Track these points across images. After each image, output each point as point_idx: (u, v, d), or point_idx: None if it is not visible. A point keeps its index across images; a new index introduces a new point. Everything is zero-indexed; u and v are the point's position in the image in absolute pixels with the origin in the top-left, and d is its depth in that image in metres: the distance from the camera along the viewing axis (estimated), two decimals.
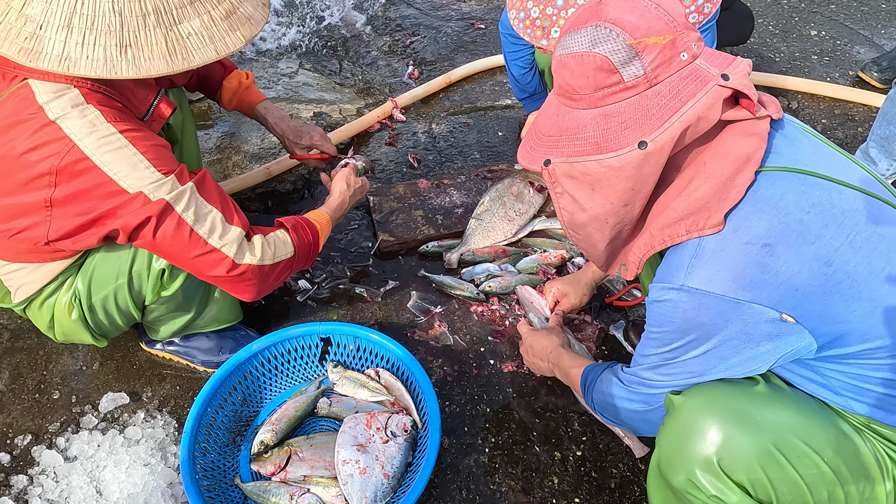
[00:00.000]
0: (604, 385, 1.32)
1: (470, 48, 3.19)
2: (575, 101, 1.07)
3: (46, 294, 1.49)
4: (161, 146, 1.34)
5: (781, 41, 3.21)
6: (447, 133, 2.65)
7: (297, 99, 2.80)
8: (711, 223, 1.01)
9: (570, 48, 1.05)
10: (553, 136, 1.10)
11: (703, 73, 1.01)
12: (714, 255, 1.01)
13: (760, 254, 0.99)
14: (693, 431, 1.07)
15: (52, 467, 1.58)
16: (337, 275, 2.06)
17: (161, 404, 1.73)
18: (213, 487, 1.48)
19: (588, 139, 1.05)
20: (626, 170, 1.02)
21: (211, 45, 1.27)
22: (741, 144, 1.02)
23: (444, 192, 2.26)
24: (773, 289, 0.99)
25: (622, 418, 1.30)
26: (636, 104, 1.01)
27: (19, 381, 1.78)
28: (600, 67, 1.01)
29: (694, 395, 1.10)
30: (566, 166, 1.07)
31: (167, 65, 1.22)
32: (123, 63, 1.20)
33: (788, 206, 1.00)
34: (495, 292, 1.99)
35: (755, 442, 1.03)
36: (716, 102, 0.99)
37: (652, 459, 1.20)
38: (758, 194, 1.01)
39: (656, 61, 1.00)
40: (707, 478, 1.06)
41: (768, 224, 1.00)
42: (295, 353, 1.72)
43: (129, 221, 1.29)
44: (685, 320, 1.05)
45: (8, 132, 1.26)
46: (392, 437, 1.54)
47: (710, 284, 1.01)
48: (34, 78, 1.25)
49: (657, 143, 1.00)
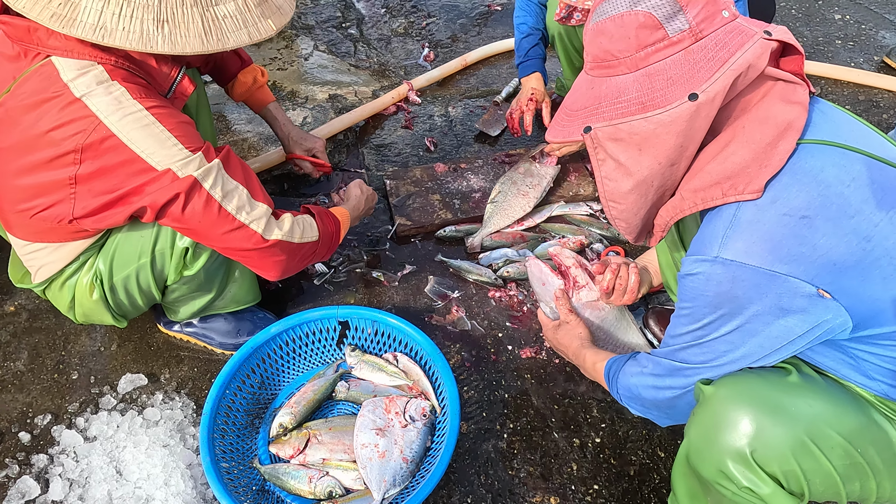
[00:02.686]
0: (630, 374, 1.28)
1: (486, 31, 3.15)
2: (612, 69, 1.05)
3: (67, 274, 1.49)
4: (187, 123, 1.32)
5: (805, 25, 3.14)
6: (463, 116, 2.62)
7: (312, 80, 2.77)
8: (751, 188, 0.98)
9: (607, 13, 1.03)
10: (590, 106, 1.07)
11: (746, 29, 1.00)
12: (750, 226, 0.98)
13: (798, 226, 0.96)
14: (724, 422, 1.05)
15: (73, 447, 1.58)
16: (354, 259, 2.05)
17: (179, 386, 1.73)
18: (232, 469, 1.48)
19: (632, 100, 1.02)
20: (676, 124, 0.99)
21: (244, 30, 1.26)
22: (782, 111, 1.00)
23: (461, 176, 2.24)
24: (811, 262, 0.96)
25: (648, 407, 1.27)
26: (682, 59, 0.99)
27: (38, 361, 1.79)
28: (644, 25, 0.99)
29: (725, 386, 1.08)
30: (610, 129, 1.04)
31: (202, 44, 1.22)
32: (159, 38, 1.19)
33: (829, 179, 0.97)
34: (513, 278, 1.97)
35: (789, 433, 1.02)
36: (764, 52, 0.97)
37: (680, 450, 1.19)
38: (797, 166, 0.99)
39: (700, 15, 0.99)
40: (739, 469, 1.04)
41: (808, 196, 0.97)
42: (313, 336, 1.72)
43: (157, 199, 1.28)
44: (718, 293, 1.02)
45: (33, 110, 1.25)
46: (411, 422, 1.54)
47: (746, 256, 0.98)
48: (57, 55, 1.24)
49: (709, 93, 0.97)
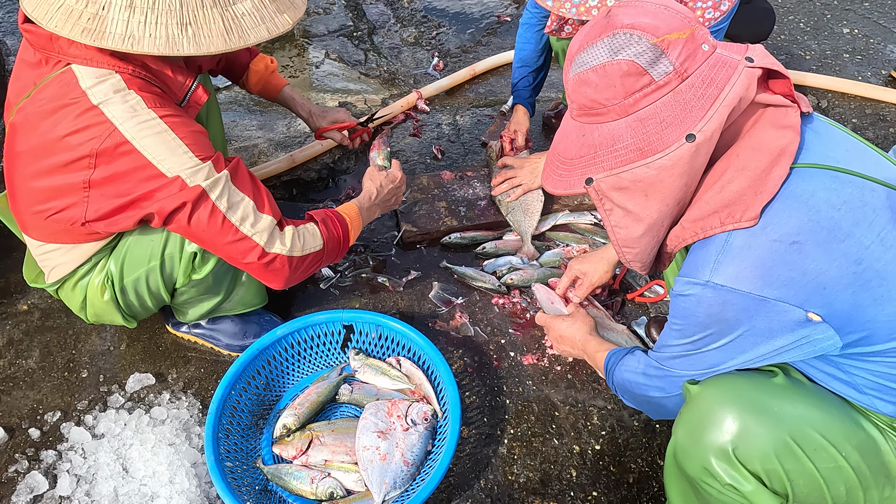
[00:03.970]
0: (624, 370, 1.34)
1: (495, 41, 3.19)
2: (602, 116, 1.05)
3: (80, 275, 1.52)
4: (199, 132, 1.36)
5: (812, 38, 3.16)
6: (471, 125, 2.65)
7: (322, 88, 2.82)
8: (748, 216, 1.00)
9: (587, 64, 1.03)
10: (585, 155, 1.08)
11: (729, 60, 1.01)
12: (741, 252, 1.01)
13: (789, 252, 0.98)
14: (709, 420, 1.08)
15: (81, 444, 1.62)
16: (360, 264, 2.07)
17: (186, 386, 1.76)
18: (235, 469, 1.50)
19: (628, 147, 1.03)
20: (678, 166, 1.00)
21: (263, 26, 1.30)
22: (775, 137, 1.01)
23: (468, 184, 2.27)
24: (801, 287, 0.98)
25: (639, 402, 1.32)
26: (672, 101, 1.00)
27: (49, 359, 1.82)
28: (628, 73, 1.00)
29: (711, 386, 1.11)
30: (612, 179, 1.04)
31: (225, 42, 1.25)
32: (184, 40, 1.22)
33: (819, 204, 0.99)
34: (517, 285, 1.99)
35: (771, 432, 1.04)
36: (751, 82, 0.99)
37: (668, 448, 1.22)
38: (788, 191, 1.00)
39: (682, 55, 0.99)
40: (722, 466, 1.07)
41: (798, 221, 0.99)
42: (318, 339, 1.74)
43: (165, 206, 1.31)
44: (709, 315, 1.05)
45: (51, 116, 1.29)
46: (412, 426, 1.56)
47: (736, 281, 1.00)
48: (77, 63, 1.28)
49: (705, 132, 0.98)
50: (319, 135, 2.11)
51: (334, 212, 1.62)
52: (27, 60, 1.36)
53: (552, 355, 1.83)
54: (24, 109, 1.33)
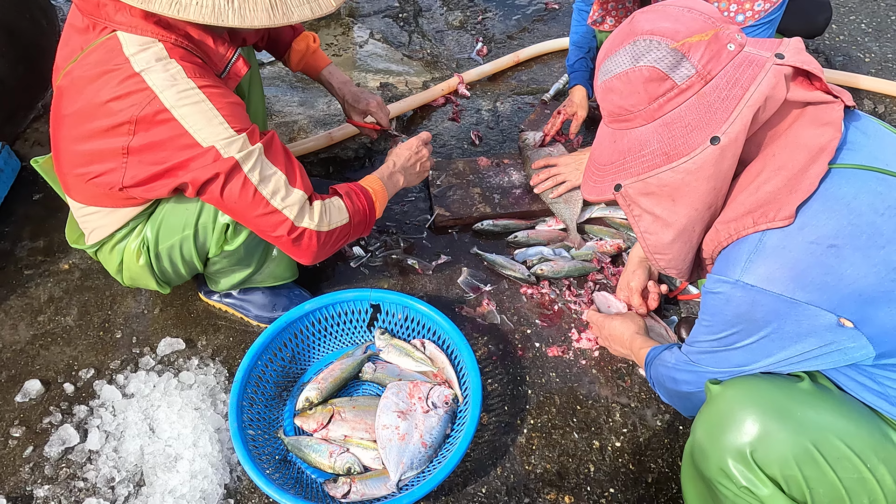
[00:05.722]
0: (660, 364, 1.35)
1: (541, 29, 3.14)
2: (630, 122, 1.06)
3: (117, 239, 1.56)
4: (236, 104, 1.37)
5: (874, 40, 3.02)
6: (511, 112, 2.62)
7: (364, 68, 2.82)
8: (782, 215, 0.97)
9: (611, 71, 1.04)
10: (616, 161, 1.09)
11: (756, 58, 0.99)
12: (775, 252, 0.98)
13: (825, 255, 0.95)
14: (729, 421, 1.06)
15: (111, 402, 1.67)
16: (391, 245, 2.08)
17: (214, 353, 1.80)
18: (257, 437, 1.53)
19: (655, 152, 1.03)
20: (704, 170, 0.99)
21: (307, 5, 1.30)
22: (814, 135, 0.98)
23: (504, 172, 2.25)
24: (835, 292, 0.95)
25: (672, 398, 1.33)
26: (696, 104, 0.99)
27: (86, 318, 1.88)
28: (650, 78, 1.00)
29: (733, 386, 1.09)
30: (639, 185, 1.05)
31: (269, 18, 1.26)
32: (230, 12, 1.24)
33: (861, 207, 0.96)
34: (546, 276, 1.97)
35: (792, 438, 1.01)
36: (779, 81, 0.96)
37: (686, 448, 1.21)
38: (829, 192, 0.97)
39: (705, 57, 0.98)
40: (739, 468, 1.05)
41: (837, 224, 0.95)
42: (345, 316, 1.76)
43: (199, 176, 1.33)
44: (737, 314, 1.04)
45: (95, 81, 1.32)
46: (433, 408, 1.56)
47: (768, 282, 0.98)
48: (122, 30, 1.30)
49: (730, 134, 0.97)
50: (349, 121, 2.12)
51: (357, 185, 1.62)
52: (75, 26, 1.39)
53: (578, 349, 1.81)
54: (71, 73, 1.37)
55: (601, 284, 1.96)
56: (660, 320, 1.79)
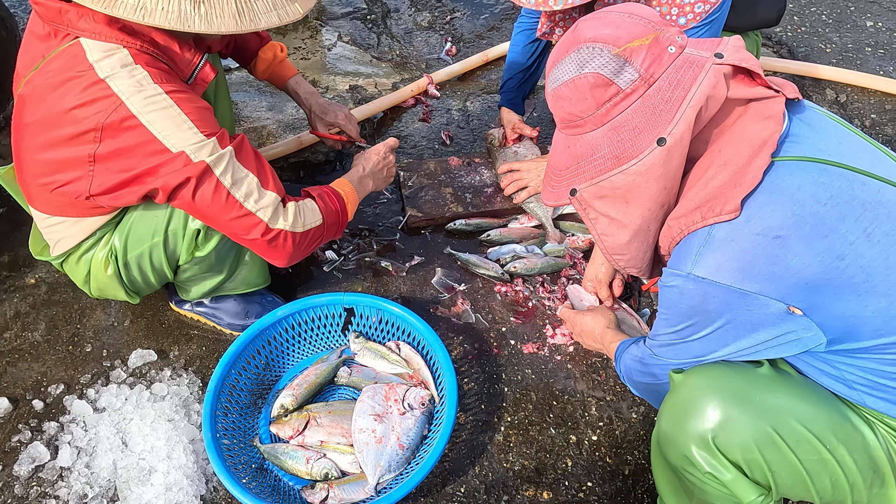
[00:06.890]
0: (628, 357, 1.38)
1: (509, 27, 3.15)
2: (580, 127, 1.09)
3: (84, 249, 1.54)
4: (205, 108, 1.36)
5: (834, 31, 3.09)
6: (481, 112, 2.63)
7: (333, 71, 2.81)
8: (728, 209, 1.00)
9: (559, 79, 1.08)
10: (570, 166, 1.12)
11: (696, 59, 1.02)
12: (723, 245, 1.01)
13: (771, 245, 0.98)
14: (691, 408, 1.09)
15: (82, 417, 1.64)
16: (364, 247, 2.07)
17: (187, 363, 1.78)
18: (232, 446, 1.52)
19: (606, 156, 1.06)
20: (653, 171, 1.02)
21: (274, 12, 1.30)
22: (757, 129, 1.01)
23: (475, 171, 2.25)
24: (782, 281, 0.98)
25: (640, 389, 1.36)
26: (641, 107, 1.02)
27: (54, 332, 1.85)
28: (595, 84, 1.03)
29: (695, 375, 1.12)
30: (593, 188, 1.08)
31: (236, 24, 1.25)
32: (196, 17, 1.23)
33: (804, 198, 0.98)
34: (520, 273, 1.98)
35: (752, 422, 1.04)
36: (718, 80, 0.99)
37: (653, 437, 1.23)
38: (774, 184, 1.00)
39: (647, 61, 1.01)
40: (702, 454, 1.07)
41: (781, 215, 0.98)
42: (319, 321, 1.75)
43: (170, 181, 1.32)
44: (691, 306, 1.07)
45: (58, 88, 1.29)
46: (409, 410, 1.56)
47: (717, 274, 1.01)
48: (86, 36, 1.28)
49: (675, 134, 1.00)
50: (313, 132, 2.12)
51: (328, 187, 1.63)
52: (36, 33, 1.37)
53: (552, 345, 1.83)
54: (33, 81, 1.34)
55: (574, 280, 1.97)
56: (633, 312, 1.81)
